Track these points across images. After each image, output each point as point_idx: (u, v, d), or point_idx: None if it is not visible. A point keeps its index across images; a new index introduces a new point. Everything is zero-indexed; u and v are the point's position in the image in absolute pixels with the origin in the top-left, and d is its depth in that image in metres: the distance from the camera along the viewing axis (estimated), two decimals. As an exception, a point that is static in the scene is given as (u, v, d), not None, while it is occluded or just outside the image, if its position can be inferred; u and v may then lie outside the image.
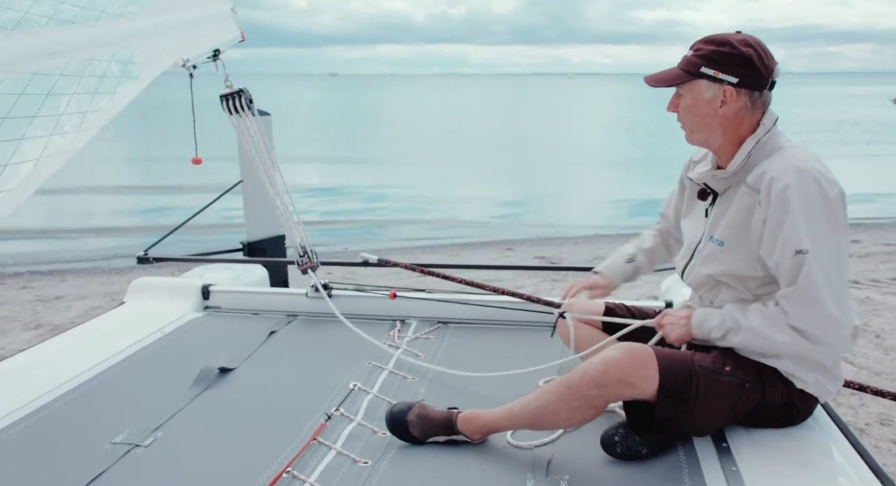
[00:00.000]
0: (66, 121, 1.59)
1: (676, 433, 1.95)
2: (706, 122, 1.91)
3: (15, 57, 1.47)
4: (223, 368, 2.58)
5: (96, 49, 1.78)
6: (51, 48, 1.60)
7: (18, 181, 1.34)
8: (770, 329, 1.79)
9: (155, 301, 3.29)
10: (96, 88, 1.69)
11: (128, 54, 1.94)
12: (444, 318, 3.10)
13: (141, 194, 15.74)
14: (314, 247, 3.25)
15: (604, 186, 17.39)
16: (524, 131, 32.34)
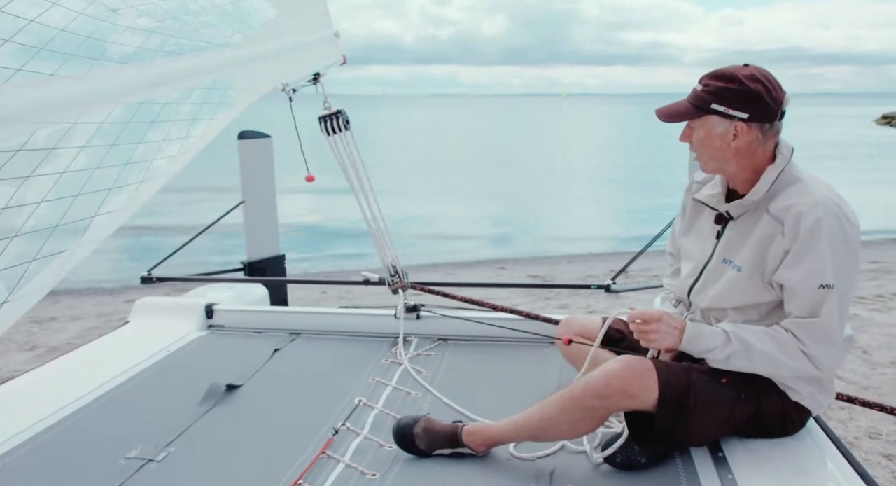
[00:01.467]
0: (167, 147, 1.54)
1: (675, 442, 1.90)
2: (720, 154, 1.88)
3: (124, 89, 1.46)
4: (230, 385, 2.53)
5: (199, 78, 1.79)
6: (157, 79, 1.58)
7: (120, 204, 1.32)
8: (783, 355, 1.77)
9: (159, 320, 3.23)
10: (196, 115, 1.69)
11: (228, 81, 1.94)
12: (445, 335, 3.04)
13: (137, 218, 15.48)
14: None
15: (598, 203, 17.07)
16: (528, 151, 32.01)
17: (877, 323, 6.27)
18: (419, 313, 3.08)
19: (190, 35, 1.85)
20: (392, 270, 3.08)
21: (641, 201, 16.28)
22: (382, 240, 3.03)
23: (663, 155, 26.96)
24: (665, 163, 21.34)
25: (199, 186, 15.54)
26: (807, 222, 1.75)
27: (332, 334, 3.13)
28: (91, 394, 2.47)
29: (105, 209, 1.30)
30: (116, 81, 1.46)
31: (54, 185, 1.20)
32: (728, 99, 1.82)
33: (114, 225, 1.30)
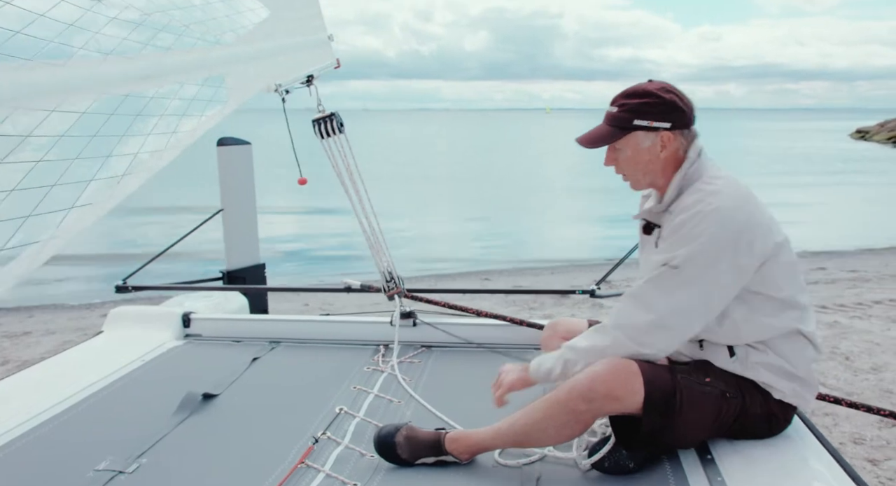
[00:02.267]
0: (153, 141, 1.51)
1: (663, 444, 1.84)
2: (650, 167, 1.89)
3: (108, 80, 1.41)
4: (207, 394, 2.39)
5: (188, 73, 1.74)
6: (143, 72, 1.52)
7: (101, 196, 1.26)
8: (599, 340, 1.82)
9: (134, 330, 3.05)
10: (185, 111, 1.63)
11: (219, 79, 1.90)
12: (428, 342, 2.90)
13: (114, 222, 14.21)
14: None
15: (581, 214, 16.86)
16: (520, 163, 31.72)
17: (857, 330, 6.26)
18: (416, 319, 2.96)
19: (178, 30, 1.78)
20: (388, 275, 2.96)
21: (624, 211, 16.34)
22: (378, 245, 2.91)
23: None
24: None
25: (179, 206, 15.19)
26: (683, 215, 1.77)
27: (314, 343, 2.99)
28: (60, 405, 2.33)
29: (83, 201, 1.22)
30: (100, 72, 1.39)
31: (28, 173, 1.12)
32: (648, 113, 1.84)
33: (92, 217, 1.23)
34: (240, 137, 4.28)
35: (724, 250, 1.73)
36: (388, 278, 2.96)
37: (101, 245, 12.49)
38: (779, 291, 1.81)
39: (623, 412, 1.79)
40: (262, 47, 2.23)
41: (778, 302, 1.81)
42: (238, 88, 2.01)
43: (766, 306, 1.81)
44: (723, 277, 1.75)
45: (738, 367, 1.84)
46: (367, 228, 2.87)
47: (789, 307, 1.83)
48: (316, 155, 2.78)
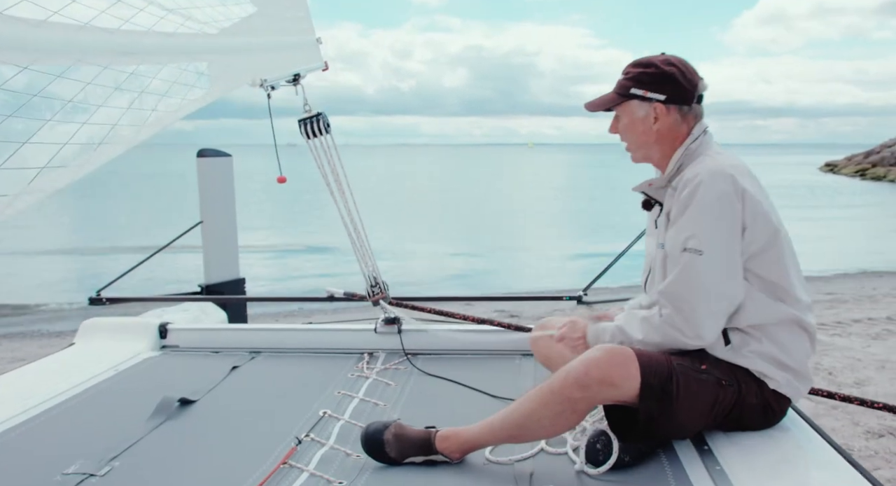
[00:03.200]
0: (132, 115, 1.49)
1: (660, 434, 1.77)
2: (643, 138, 1.87)
3: (85, 48, 1.36)
4: (184, 399, 2.28)
5: (167, 56, 1.69)
6: (122, 47, 1.46)
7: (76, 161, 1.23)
8: (652, 334, 1.76)
9: (108, 341, 2.89)
10: (166, 92, 1.59)
11: (202, 66, 1.85)
12: (414, 349, 2.79)
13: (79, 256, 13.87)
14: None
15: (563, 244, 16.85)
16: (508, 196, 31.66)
17: (838, 347, 6.25)
18: (400, 326, 2.82)
19: (160, 13, 1.74)
20: (372, 280, 2.85)
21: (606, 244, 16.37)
22: (363, 249, 2.80)
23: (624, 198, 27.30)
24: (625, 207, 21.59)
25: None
26: (688, 188, 1.73)
27: (296, 352, 2.86)
28: (27, 412, 2.19)
29: (56, 163, 1.15)
30: (77, 38, 1.33)
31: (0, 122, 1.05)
32: (645, 83, 1.83)
33: (66, 179, 1.15)
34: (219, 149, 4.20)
35: (725, 210, 1.71)
36: (372, 283, 2.86)
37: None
38: (780, 277, 1.77)
39: (619, 399, 1.71)
40: (247, 41, 2.18)
41: (780, 289, 1.77)
42: (221, 78, 1.96)
43: (768, 289, 1.76)
44: (733, 241, 1.73)
45: (733, 355, 1.77)
46: (351, 232, 2.77)
47: (789, 296, 1.78)
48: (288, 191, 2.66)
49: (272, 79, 2.39)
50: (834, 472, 1.63)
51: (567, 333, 1.99)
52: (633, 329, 1.82)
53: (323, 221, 17.03)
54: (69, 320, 8.32)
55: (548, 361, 2.23)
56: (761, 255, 1.75)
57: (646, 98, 1.83)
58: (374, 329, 2.85)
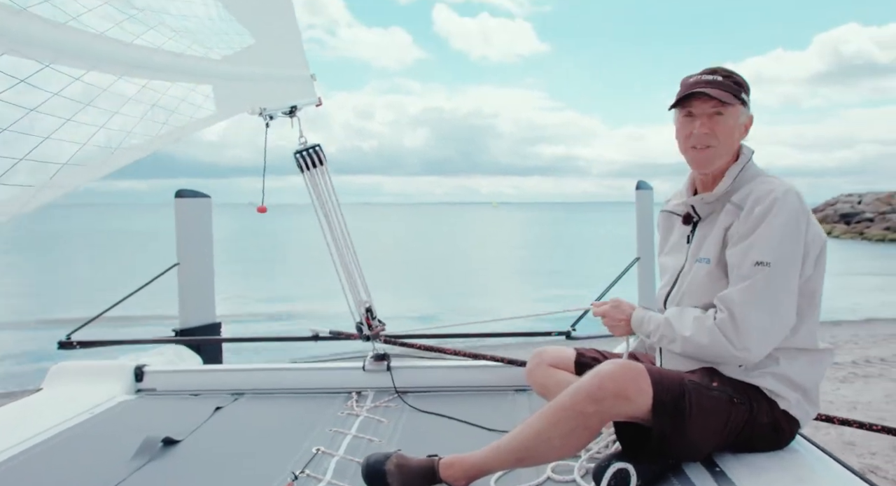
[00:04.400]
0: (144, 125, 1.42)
1: (672, 452, 1.71)
2: (733, 147, 1.81)
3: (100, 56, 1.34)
4: (169, 439, 2.13)
5: (176, 75, 1.68)
6: (134, 61, 1.44)
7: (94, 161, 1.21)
8: (701, 335, 1.69)
9: (79, 385, 2.68)
10: (175, 108, 1.58)
11: (207, 88, 1.86)
12: (404, 387, 2.67)
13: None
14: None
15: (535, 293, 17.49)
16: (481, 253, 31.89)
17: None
18: (389, 363, 2.70)
19: (168, 34, 1.72)
20: (370, 314, 2.70)
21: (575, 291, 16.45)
22: (355, 282, 2.67)
23: (586, 250, 27.63)
24: (592, 258, 21.85)
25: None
26: (761, 205, 1.70)
27: (280, 392, 2.71)
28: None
29: (76, 160, 1.10)
30: (93, 45, 1.30)
31: (20, 118, 1.00)
32: (748, 93, 1.81)
33: (85, 178, 1.10)
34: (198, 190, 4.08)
35: (801, 238, 1.69)
36: (371, 317, 2.72)
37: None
38: (811, 301, 1.75)
39: (631, 414, 1.64)
40: (248, 70, 2.17)
41: (807, 312, 1.75)
42: (225, 103, 1.93)
43: (799, 312, 1.73)
44: (798, 262, 1.70)
45: (745, 374, 1.74)
46: (343, 266, 2.67)
47: (812, 320, 1.76)
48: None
49: (271, 108, 2.37)
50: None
51: (610, 311, 1.93)
52: (682, 325, 1.74)
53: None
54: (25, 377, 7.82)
55: (545, 390, 2.15)
56: (805, 278, 1.74)
57: (747, 107, 1.80)
58: (363, 367, 2.73)
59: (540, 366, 2.13)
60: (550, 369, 2.10)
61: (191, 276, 3.96)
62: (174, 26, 1.75)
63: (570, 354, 2.10)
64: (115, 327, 5.51)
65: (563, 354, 2.13)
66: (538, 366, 2.14)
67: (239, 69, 2.11)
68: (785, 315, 1.68)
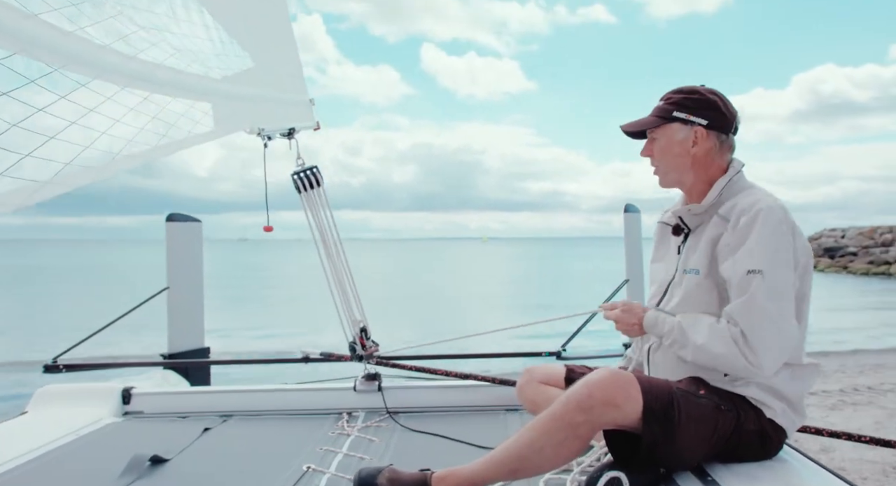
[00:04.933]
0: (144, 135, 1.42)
1: (662, 460, 1.70)
2: (679, 161, 1.86)
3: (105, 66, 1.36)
4: (157, 457, 2.07)
5: (177, 91, 1.71)
6: (137, 74, 1.47)
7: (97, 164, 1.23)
8: (715, 345, 1.69)
9: (65, 408, 2.61)
10: (175, 122, 1.60)
11: (206, 106, 1.88)
12: (395, 408, 2.64)
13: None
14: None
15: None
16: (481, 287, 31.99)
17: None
18: (380, 383, 2.67)
19: (169, 51, 1.75)
20: (365, 334, 2.69)
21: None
22: (350, 301, 2.65)
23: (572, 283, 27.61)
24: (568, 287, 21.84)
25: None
26: (746, 216, 1.73)
27: (270, 413, 2.67)
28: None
29: (80, 162, 1.11)
30: (99, 54, 1.33)
31: (27, 116, 1.02)
32: (688, 107, 1.85)
33: (88, 178, 1.11)
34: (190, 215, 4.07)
35: (789, 248, 1.72)
36: (365, 337, 2.70)
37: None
38: (800, 314, 1.77)
39: (621, 422, 1.64)
40: (247, 91, 2.20)
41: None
42: (223, 121, 1.96)
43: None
44: (791, 272, 1.72)
45: (731, 385, 1.76)
46: (338, 285, 2.66)
47: (800, 332, 1.77)
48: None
49: (269, 129, 2.40)
50: None
51: (622, 316, 1.91)
52: (696, 332, 1.74)
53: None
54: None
55: (535, 407, 2.13)
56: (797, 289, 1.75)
57: (688, 121, 1.85)
58: (353, 387, 2.70)
59: (530, 383, 2.13)
60: (541, 385, 2.09)
61: (180, 300, 3.86)
62: (175, 45, 1.79)
63: (561, 370, 2.09)
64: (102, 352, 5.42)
65: (554, 370, 2.12)
66: (528, 383, 2.13)
67: (238, 89, 2.14)
68: (788, 323, 1.69)
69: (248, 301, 23.02)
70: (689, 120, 1.85)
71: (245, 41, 2.23)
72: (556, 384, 2.05)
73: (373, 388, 2.68)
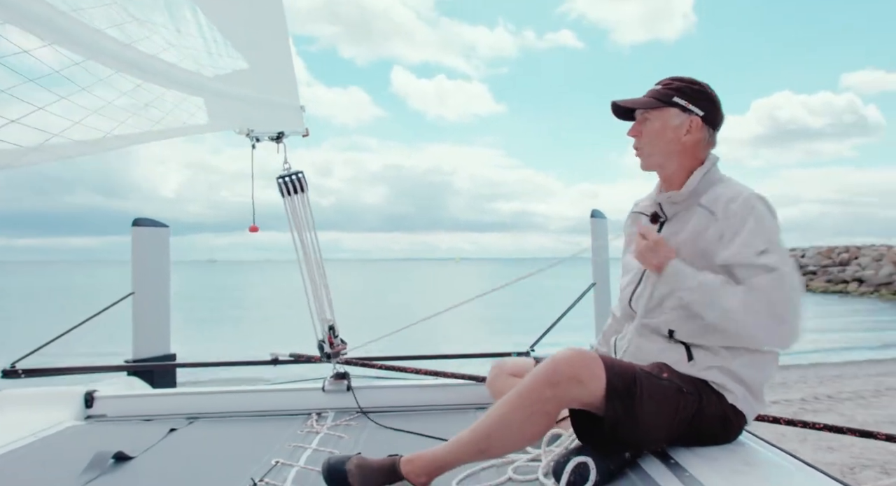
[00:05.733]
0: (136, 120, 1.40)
1: (624, 439, 1.69)
2: (669, 147, 1.85)
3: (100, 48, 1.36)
4: (121, 454, 1.99)
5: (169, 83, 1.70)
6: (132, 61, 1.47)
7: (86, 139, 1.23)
8: (749, 310, 1.67)
9: (24, 412, 2.49)
10: (169, 111, 1.61)
11: (199, 101, 1.89)
12: (365, 407, 2.60)
13: None
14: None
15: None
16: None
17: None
18: (349, 382, 2.61)
19: (162, 45, 1.77)
20: (333, 332, 2.65)
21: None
22: (322, 299, 2.63)
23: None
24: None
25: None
26: (735, 204, 1.74)
27: (238, 415, 2.59)
28: None
29: (69, 136, 1.13)
30: (94, 36, 1.34)
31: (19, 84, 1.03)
32: (690, 96, 1.84)
33: (75, 151, 1.13)
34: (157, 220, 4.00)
35: (777, 226, 1.76)
36: (333, 335, 2.66)
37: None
38: None
39: (585, 399, 1.64)
40: (239, 91, 2.19)
41: None
42: (216, 116, 1.97)
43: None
44: (786, 248, 1.75)
45: (695, 370, 1.77)
46: (311, 284, 2.64)
47: None
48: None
49: (258, 131, 2.39)
50: (798, 472, 1.63)
51: (645, 252, 1.84)
52: (731, 294, 1.69)
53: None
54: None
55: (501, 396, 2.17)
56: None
57: (686, 109, 1.84)
58: (322, 388, 2.63)
59: (500, 376, 2.12)
60: (511, 378, 2.07)
61: (146, 306, 3.71)
62: (169, 39, 1.80)
63: (530, 363, 2.09)
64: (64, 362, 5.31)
65: (523, 363, 2.13)
66: (498, 377, 2.12)
67: (229, 89, 2.12)
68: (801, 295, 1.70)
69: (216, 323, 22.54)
70: (687, 108, 1.84)
71: (239, 43, 2.24)
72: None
73: (342, 388, 2.62)
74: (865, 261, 30.82)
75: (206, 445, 2.22)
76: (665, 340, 1.82)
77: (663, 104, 1.85)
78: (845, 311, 22.98)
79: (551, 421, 1.65)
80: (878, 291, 28.65)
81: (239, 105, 2.23)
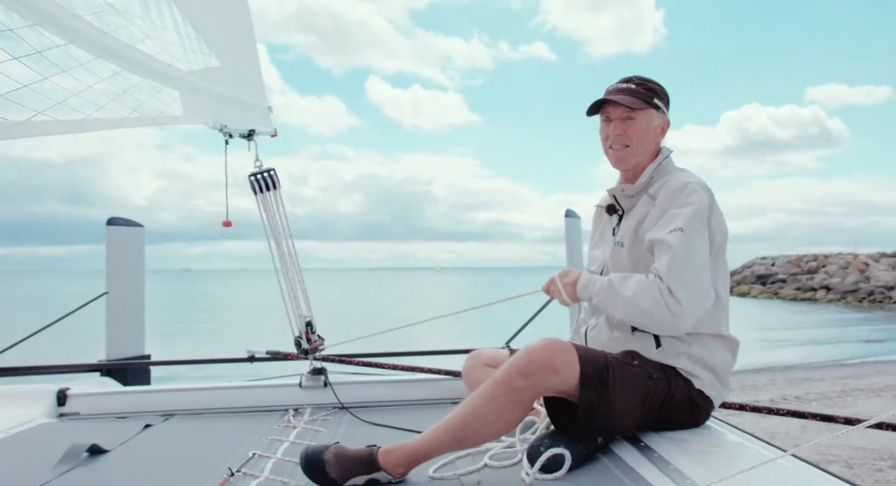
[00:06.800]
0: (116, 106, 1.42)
1: (598, 424, 1.73)
2: (649, 147, 1.90)
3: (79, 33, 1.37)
4: (96, 447, 1.96)
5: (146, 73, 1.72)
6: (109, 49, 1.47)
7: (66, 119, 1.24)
8: (643, 298, 1.71)
9: None
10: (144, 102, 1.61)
11: (175, 93, 1.91)
12: (341, 403, 2.59)
13: None
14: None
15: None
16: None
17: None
18: (326, 378, 2.59)
19: (140, 37, 1.79)
20: (310, 328, 2.63)
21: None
22: (297, 296, 2.61)
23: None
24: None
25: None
26: (671, 190, 1.80)
27: (213, 411, 2.56)
28: None
29: (51, 113, 1.14)
30: (73, 22, 1.35)
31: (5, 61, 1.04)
32: (662, 98, 1.91)
33: (57, 129, 1.14)
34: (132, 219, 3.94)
35: (707, 221, 1.79)
36: (311, 331, 2.64)
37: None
38: (721, 289, 1.84)
39: (559, 388, 1.68)
40: (212, 87, 2.22)
41: (719, 301, 1.84)
42: (192, 110, 1.99)
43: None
44: (705, 241, 1.77)
45: (663, 357, 1.82)
46: (286, 281, 2.62)
47: (723, 310, 1.86)
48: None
49: (230, 127, 2.40)
50: (763, 451, 1.68)
51: (559, 277, 1.93)
52: (625, 287, 1.76)
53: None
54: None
55: (476, 387, 2.18)
56: (713, 263, 1.82)
57: (661, 111, 1.91)
58: (299, 383, 2.62)
59: (476, 366, 2.14)
60: (487, 368, 2.09)
61: (120, 306, 3.60)
62: (146, 31, 1.82)
63: (505, 354, 2.13)
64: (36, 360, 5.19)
65: (498, 354, 2.16)
66: (474, 367, 2.15)
67: (203, 83, 2.16)
68: (705, 276, 1.72)
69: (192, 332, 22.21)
70: (662, 110, 1.92)
71: (211, 40, 2.27)
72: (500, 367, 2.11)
73: (319, 383, 2.61)
74: (833, 269, 31.38)
75: (182, 439, 2.18)
76: (631, 330, 1.87)
77: (647, 105, 1.90)
78: (813, 318, 23.42)
79: (526, 410, 1.67)
80: (845, 298, 29.22)
81: (211, 101, 2.25)
